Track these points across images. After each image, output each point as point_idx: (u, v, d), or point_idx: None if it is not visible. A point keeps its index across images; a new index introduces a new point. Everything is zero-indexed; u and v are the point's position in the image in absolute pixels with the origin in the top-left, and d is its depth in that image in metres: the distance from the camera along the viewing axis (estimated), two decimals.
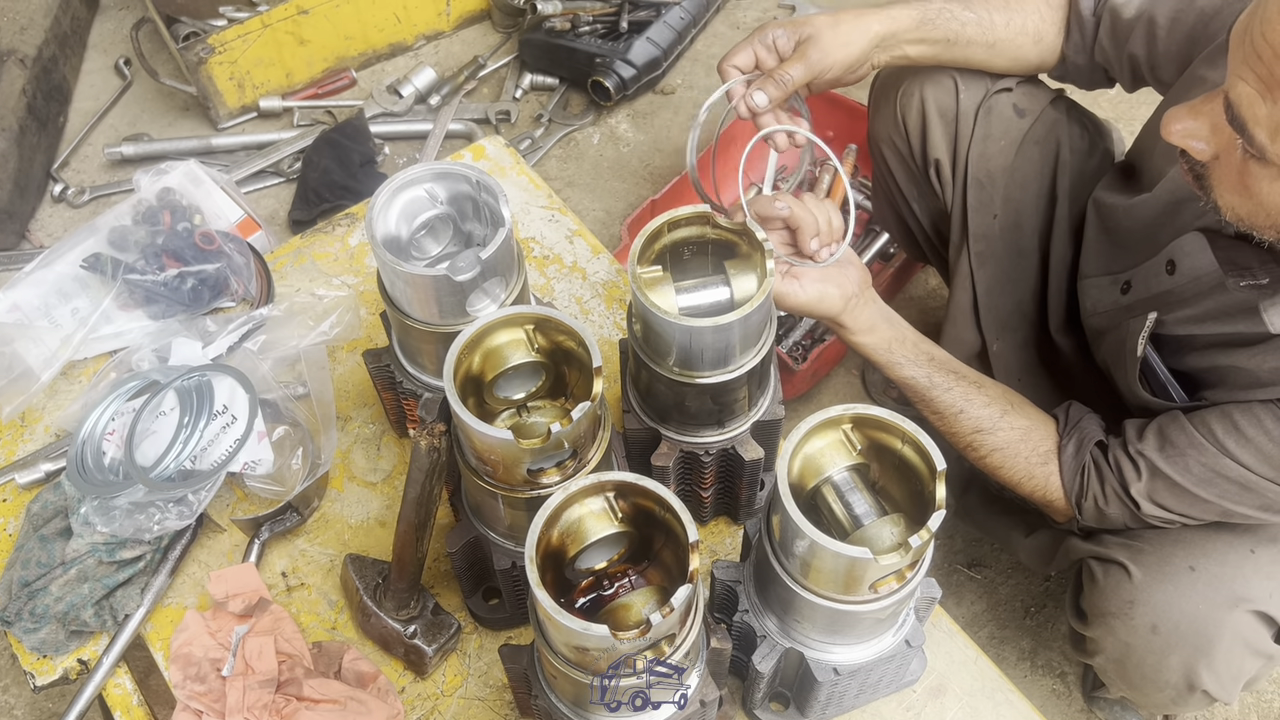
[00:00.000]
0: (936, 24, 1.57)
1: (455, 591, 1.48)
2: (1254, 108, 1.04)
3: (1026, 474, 1.49)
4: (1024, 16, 1.60)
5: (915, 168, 1.78)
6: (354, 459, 1.63)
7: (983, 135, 1.69)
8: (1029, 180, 1.72)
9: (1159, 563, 1.43)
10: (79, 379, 1.71)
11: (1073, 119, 1.75)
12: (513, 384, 1.26)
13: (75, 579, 1.46)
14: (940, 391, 1.49)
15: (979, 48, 1.61)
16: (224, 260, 1.74)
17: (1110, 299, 1.55)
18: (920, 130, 1.73)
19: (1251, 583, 1.41)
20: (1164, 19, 1.46)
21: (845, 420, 1.12)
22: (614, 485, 1.06)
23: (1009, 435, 1.49)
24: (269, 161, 2.73)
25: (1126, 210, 1.53)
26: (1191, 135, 1.15)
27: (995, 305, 1.76)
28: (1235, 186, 1.14)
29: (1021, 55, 1.63)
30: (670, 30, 2.87)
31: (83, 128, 2.86)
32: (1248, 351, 1.30)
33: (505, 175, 1.96)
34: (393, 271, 1.26)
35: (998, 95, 1.68)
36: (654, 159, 2.80)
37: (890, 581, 1.10)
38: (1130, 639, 1.45)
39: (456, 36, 3.07)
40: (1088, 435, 1.47)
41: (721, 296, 1.29)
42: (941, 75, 1.68)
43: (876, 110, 1.82)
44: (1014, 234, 1.74)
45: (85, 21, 3.08)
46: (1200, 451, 1.33)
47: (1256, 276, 1.23)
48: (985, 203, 1.72)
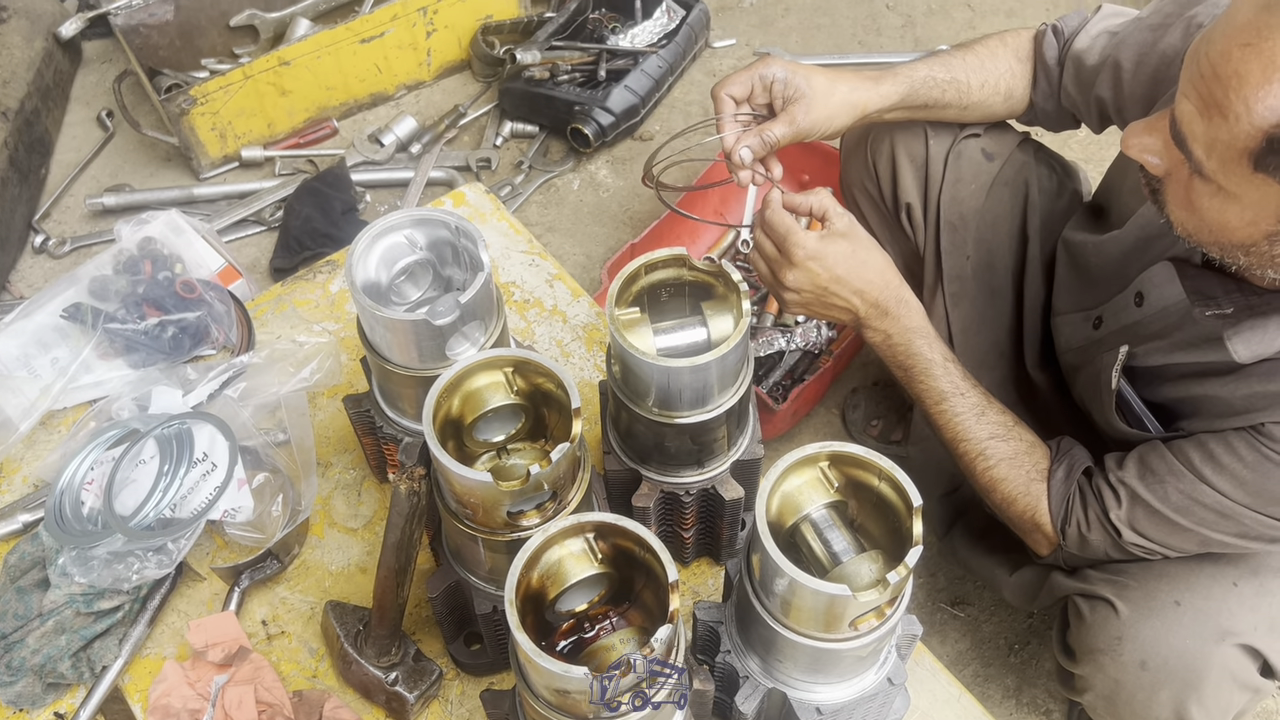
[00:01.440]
0: (919, 94, 1.63)
1: (437, 637, 1.48)
2: (1193, 125, 1.09)
3: (1023, 490, 1.50)
4: (996, 76, 1.65)
5: (887, 211, 1.81)
6: (335, 505, 1.63)
7: (953, 179, 1.72)
8: (1000, 221, 1.75)
9: (1145, 598, 1.44)
10: (58, 429, 1.71)
11: (1040, 161, 1.79)
12: (492, 426, 1.26)
13: (52, 631, 1.45)
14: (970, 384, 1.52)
15: (954, 109, 1.67)
16: (205, 308, 1.75)
17: (1083, 334, 1.57)
18: (891, 176, 1.77)
19: (1236, 616, 1.41)
20: (1128, 63, 1.50)
21: (822, 458, 1.13)
22: (594, 526, 1.07)
23: (1018, 446, 1.50)
24: (251, 210, 2.75)
25: (1096, 247, 1.56)
26: (1147, 150, 1.19)
27: (972, 344, 1.77)
28: (1182, 202, 1.18)
29: (992, 112, 1.69)
30: (648, 78, 2.92)
31: (64, 179, 2.87)
32: (1219, 380, 1.32)
33: (486, 221, 1.98)
34: (372, 317, 1.27)
35: (966, 140, 1.73)
36: (633, 204, 2.83)
37: (870, 619, 1.10)
38: (1120, 675, 1.45)
39: (437, 86, 3.11)
40: (1077, 462, 1.49)
41: (699, 337, 1.30)
42: (911, 124, 1.73)
43: (848, 157, 1.86)
44: (987, 274, 1.77)
45: (68, 74, 3.10)
46: (1179, 479, 1.34)
47: (1221, 306, 1.26)
48: (958, 244, 1.75)
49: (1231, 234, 1.15)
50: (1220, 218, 1.14)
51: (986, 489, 1.53)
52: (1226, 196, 1.11)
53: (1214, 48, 1.04)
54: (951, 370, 1.51)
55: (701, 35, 3.12)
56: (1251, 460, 1.28)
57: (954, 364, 1.52)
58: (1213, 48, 1.04)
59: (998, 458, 1.50)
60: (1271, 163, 1.04)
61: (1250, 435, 1.28)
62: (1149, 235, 1.43)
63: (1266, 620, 1.42)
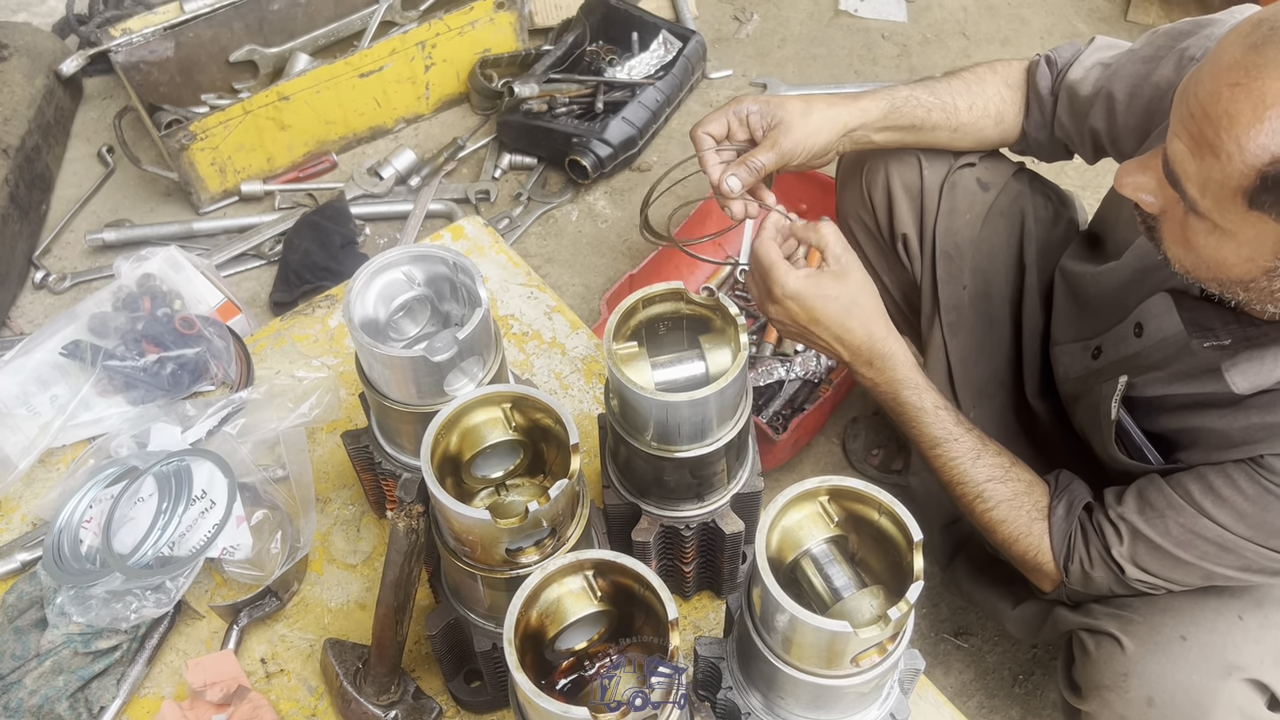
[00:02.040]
0: (903, 112, 1.62)
1: (436, 674, 1.47)
2: (1186, 164, 1.09)
3: (1025, 530, 1.49)
4: (985, 100, 1.65)
5: (883, 242, 1.81)
6: (334, 541, 1.62)
7: (948, 209, 1.73)
8: (996, 251, 1.76)
9: (1150, 633, 1.43)
10: (57, 466, 1.70)
11: (1036, 190, 1.79)
12: (491, 463, 1.26)
13: (50, 671, 1.44)
14: (964, 429, 1.50)
15: (943, 131, 1.66)
16: (204, 344, 1.75)
17: (1082, 364, 1.57)
18: (886, 206, 1.77)
19: (1242, 649, 1.40)
20: (1122, 94, 1.50)
21: (822, 492, 1.13)
22: (592, 564, 1.06)
23: (1016, 487, 1.49)
24: (250, 244, 2.76)
25: (1094, 278, 1.56)
26: (1141, 189, 1.20)
27: (970, 374, 1.77)
28: (1179, 240, 1.18)
29: (984, 136, 1.68)
30: (645, 110, 2.93)
31: (65, 215, 2.88)
32: (1218, 412, 1.32)
33: (484, 254, 1.99)
34: (370, 353, 1.27)
35: (961, 170, 1.73)
36: (632, 235, 2.84)
37: (872, 655, 1.09)
38: (1126, 712, 1.44)
39: (436, 119, 3.13)
40: (1077, 498, 1.48)
41: (697, 371, 1.30)
42: (905, 154, 1.73)
43: (843, 188, 1.86)
44: (984, 303, 1.77)
45: (69, 111, 3.12)
46: (1179, 513, 1.34)
47: (1219, 337, 1.25)
48: (954, 274, 1.75)
49: (1229, 270, 1.15)
50: (1217, 255, 1.14)
51: (987, 530, 1.52)
52: (1223, 234, 1.11)
53: (1203, 88, 1.05)
54: (944, 416, 1.50)
55: (698, 66, 3.14)
56: (1252, 493, 1.27)
57: (946, 410, 1.50)
58: (1202, 88, 1.05)
59: (997, 499, 1.48)
60: (1266, 200, 1.04)
61: (1250, 467, 1.27)
62: (1147, 266, 1.44)
63: (1272, 653, 1.41)
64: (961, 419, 1.51)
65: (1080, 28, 3.39)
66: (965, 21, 3.43)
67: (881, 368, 1.47)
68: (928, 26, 3.41)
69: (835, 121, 1.56)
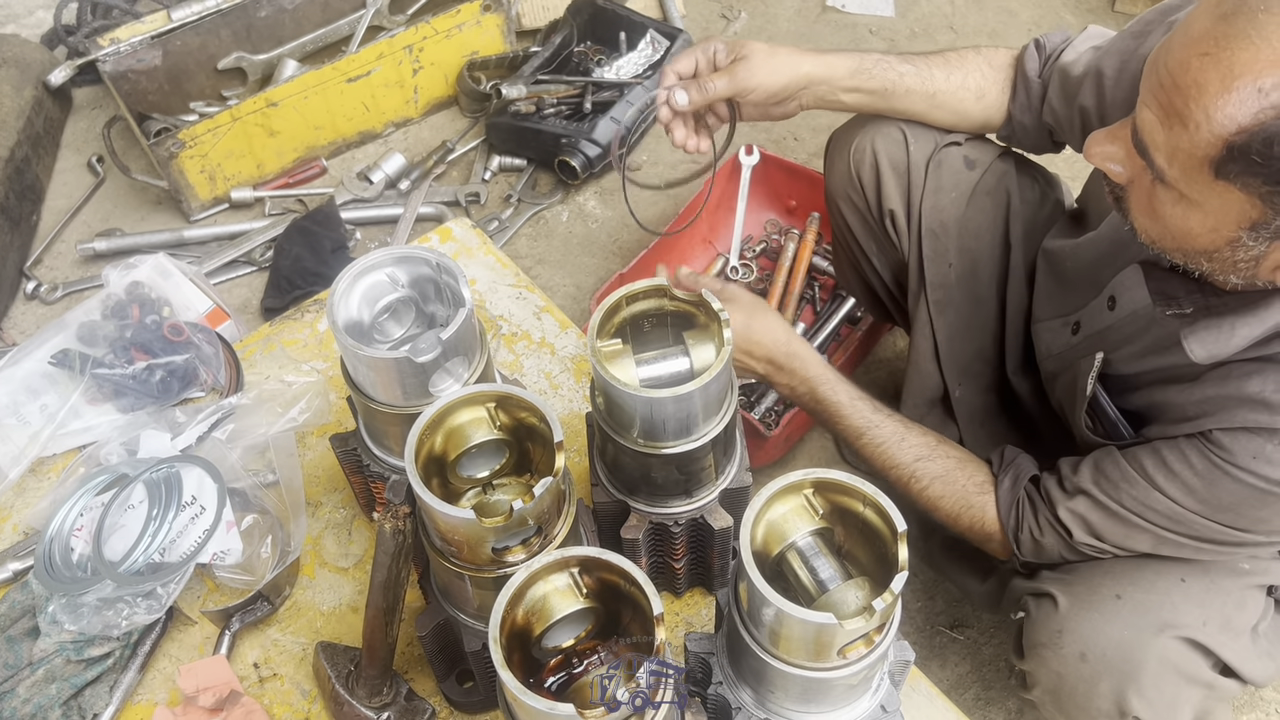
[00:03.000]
0: (873, 73, 1.63)
1: (429, 676, 1.47)
2: (1154, 133, 1.10)
3: (965, 504, 1.52)
4: (964, 73, 1.65)
5: (872, 220, 1.82)
6: (325, 544, 1.62)
7: (934, 187, 1.73)
8: (982, 230, 1.76)
9: (1087, 592, 1.46)
10: (48, 475, 1.71)
11: (1022, 171, 1.79)
12: (476, 462, 1.26)
13: (43, 679, 1.44)
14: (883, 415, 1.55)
15: (918, 98, 1.66)
16: (193, 351, 1.75)
17: (1062, 341, 1.58)
18: (875, 183, 1.77)
19: (1180, 609, 1.42)
20: (1111, 70, 1.51)
21: (806, 485, 1.13)
22: (578, 561, 1.06)
23: (947, 464, 1.53)
24: (241, 251, 2.76)
25: (1073, 251, 1.58)
26: (1109, 158, 1.21)
27: (956, 352, 1.79)
28: (1146, 210, 1.20)
29: (964, 109, 1.68)
30: (633, 109, 2.93)
31: (56, 225, 2.88)
32: (1179, 387, 1.33)
33: (473, 255, 1.99)
34: (354, 356, 1.27)
35: (947, 149, 1.73)
36: (622, 234, 2.84)
37: (859, 646, 1.09)
38: (1061, 668, 1.46)
39: (425, 122, 3.13)
40: (1023, 471, 1.51)
41: (681, 367, 1.30)
42: (891, 128, 1.73)
43: (831, 167, 1.87)
44: (970, 282, 1.78)
45: (59, 121, 3.12)
46: (1132, 485, 1.36)
47: (1181, 306, 1.27)
48: (940, 252, 1.76)
49: (1194, 240, 1.16)
50: (1183, 224, 1.15)
51: (929, 509, 1.55)
52: (1189, 204, 1.12)
53: (1173, 57, 1.06)
54: (860, 407, 1.54)
55: None
56: (1201, 468, 1.29)
57: (862, 400, 1.55)
58: (1171, 57, 1.06)
59: (930, 476, 1.52)
60: (1232, 170, 1.05)
61: (1200, 442, 1.29)
62: (1122, 239, 1.44)
63: (1219, 617, 1.43)
64: (880, 407, 1.55)
65: (1068, 19, 3.40)
66: (953, 15, 3.43)
67: (794, 369, 1.53)
68: (915, 21, 3.41)
69: (797, 67, 1.59)
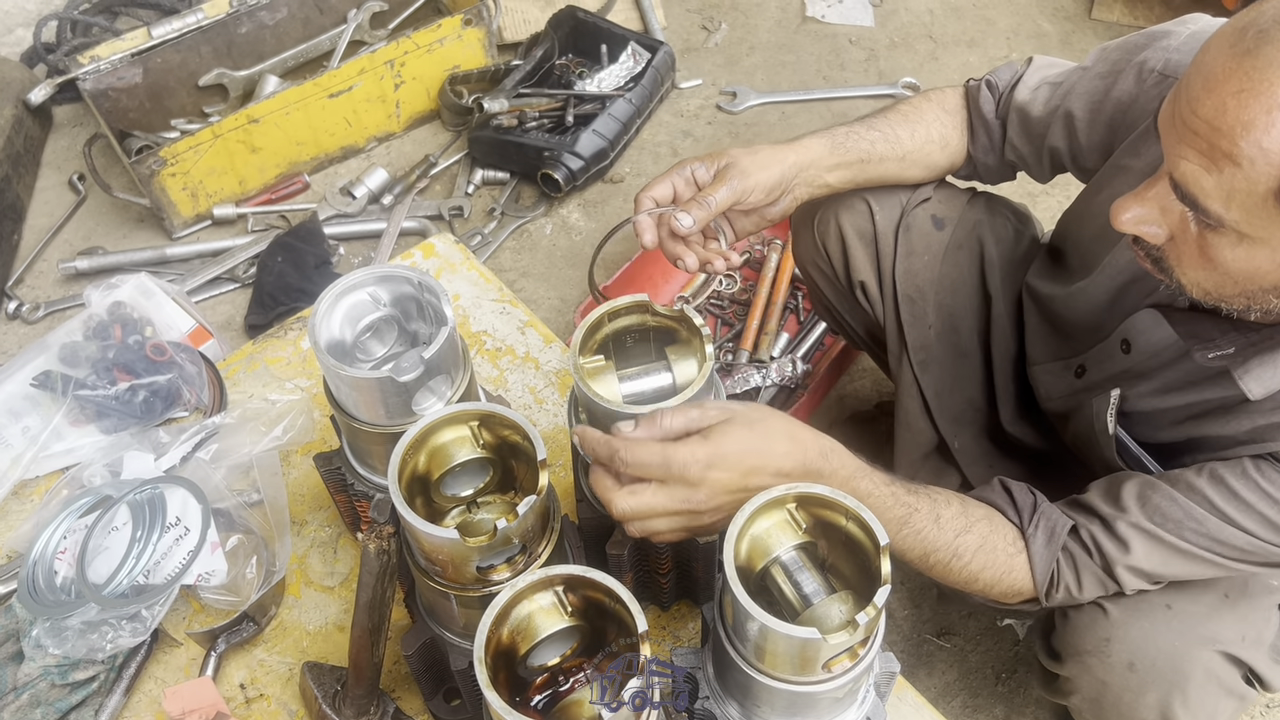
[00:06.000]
0: (847, 147, 1.59)
1: (416, 694, 1.46)
2: (1200, 181, 1.08)
3: (1005, 571, 1.40)
4: (925, 126, 1.63)
5: (842, 289, 1.81)
6: (310, 563, 1.62)
7: (905, 252, 1.71)
8: (959, 284, 1.75)
9: (1135, 601, 1.43)
10: (30, 498, 1.70)
11: (994, 213, 1.78)
12: (460, 481, 1.26)
13: (27, 704, 1.43)
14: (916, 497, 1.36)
15: (891, 163, 1.62)
16: (176, 371, 1.74)
17: (1065, 384, 1.57)
18: (842, 254, 1.75)
19: (1225, 623, 1.42)
20: (1081, 112, 1.50)
21: (789, 499, 1.13)
22: (562, 580, 1.07)
23: (981, 530, 1.38)
24: (224, 268, 2.75)
25: (1066, 299, 1.55)
26: (1143, 221, 1.18)
27: (946, 405, 1.77)
28: (1197, 262, 1.17)
29: (931, 162, 1.66)
30: (615, 121, 2.95)
31: (37, 244, 2.87)
32: (1221, 418, 1.31)
33: (456, 271, 1.99)
34: (336, 376, 1.27)
35: (915, 210, 1.71)
36: (606, 247, 2.84)
37: (843, 660, 1.10)
38: (1107, 677, 1.45)
39: (407, 137, 3.13)
40: (1057, 525, 1.39)
41: (664, 382, 1.30)
42: (854, 199, 1.71)
43: (796, 237, 1.85)
44: (952, 336, 1.76)
45: (39, 140, 3.11)
46: (1200, 522, 1.29)
47: (1221, 347, 1.25)
48: (919, 316, 1.74)
49: (1263, 279, 1.14)
50: (1248, 265, 1.13)
51: (966, 584, 1.41)
52: (1253, 243, 1.11)
53: (1202, 104, 1.05)
54: (899, 494, 1.34)
55: (668, 77, 3.16)
56: (1274, 492, 1.25)
57: (896, 483, 1.34)
58: (1200, 105, 1.05)
59: (971, 551, 1.38)
60: None
61: (1272, 464, 1.25)
62: (1121, 284, 1.44)
63: (1254, 632, 1.44)
64: (912, 487, 1.36)
65: (1045, 27, 3.43)
66: (932, 24, 3.46)
67: (833, 469, 1.27)
68: (895, 30, 3.44)
69: (782, 160, 1.53)
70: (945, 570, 1.39)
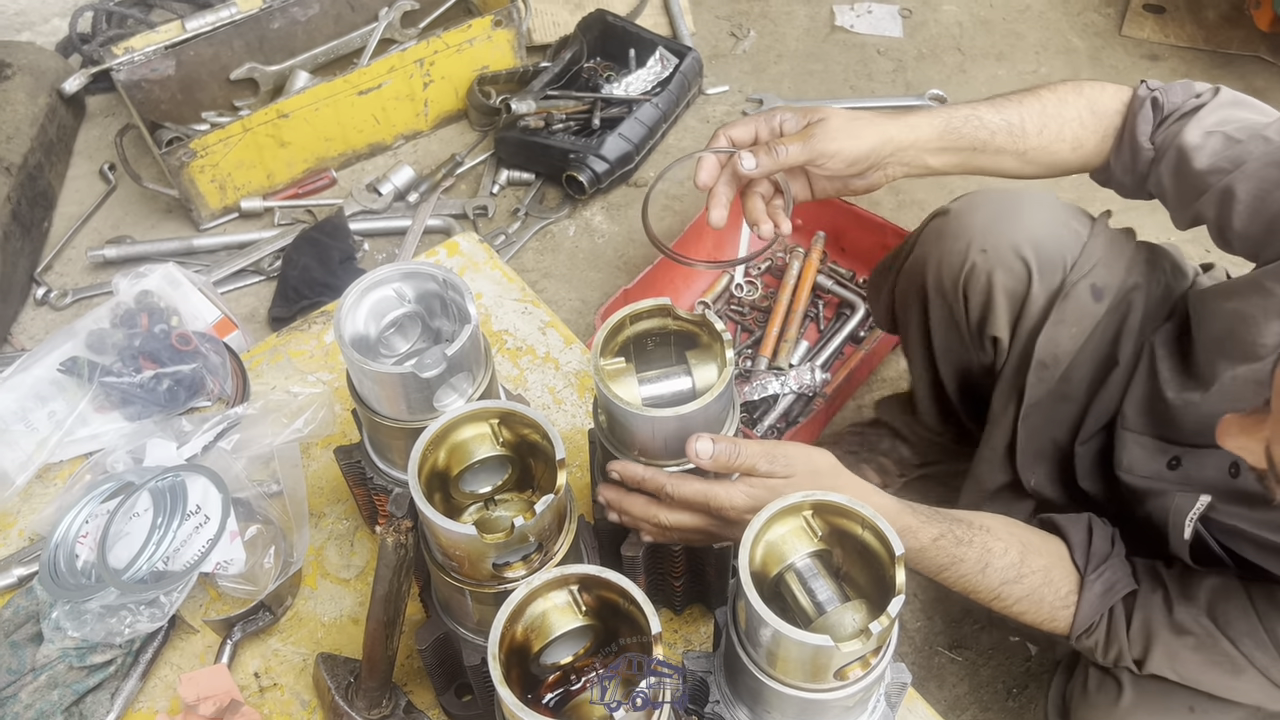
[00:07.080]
0: (962, 132, 1.46)
1: (428, 688, 1.47)
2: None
3: (1049, 617, 1.40)
4: (1061, 123, 1.48)
5: (967, 337, 1.72)
6: (327, 555, 1.63)
7: (1056, 320, 1.60)
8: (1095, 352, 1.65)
9: (1160, 694, 1.39)
10: (54, 482, 1.72)
11: (1153, 272, 1.63)
12: (479, 478, 1.27)
13: (45, 685, 1.45)
14: (965, 547, 1.34)
15: (1008, 156, 1.49)
16: (200, 360, 1.76)
17: (1152, 468, 1.48)
18: (982, 309, 1.65)
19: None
20: (1245, 196, 1.34)
21: (805, 507, 1.14)
22: (577, 579, 1.07)
23: (1032, 581, 1.37)
24: (250, 260, 2.78)
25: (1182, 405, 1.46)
26: (1245, 451, 1.09)
27: (1031, 441, 1.70)
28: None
29: (1057, 162, 1.52)
30: (642, 126, 2.95)
31: (67, 232, 2.91)
32: None
33: (479, 270, 2.00)
34: (360, 370, 1.28)
35: (1078, 284, 1.58)
36: (628, 249, 2.86)
37: (856, 668, 1.10)
38: None
39: (434, 135, 3.15)
40: (1118, 583, 1.38)
41: (684, 386, 1.31)
42: (1011, 257, 1.59)
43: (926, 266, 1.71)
44: (1063, 385, 1.67)
45: (72, 129, 3.15)
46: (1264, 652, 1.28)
47: None
48: (1045, 379, 1.65)
49: None
50: None
51: (1007, 618, 1.42)
52: None
53: None
54: (943, 545, 1.33)
55: (694, 82, 3.17)
56: None
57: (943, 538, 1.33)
58: None
59: (1015, 598, 1.37)
60: None
61: None
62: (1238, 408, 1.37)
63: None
64: (961, 538, 1.34)
65: (1075, 43, 3.41)
66: (960, 37, 3.45)
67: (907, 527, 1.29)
68: (923, 42, 3.43)
69: (880, 131, 1.40)
70: (989, 605, 1.39)
